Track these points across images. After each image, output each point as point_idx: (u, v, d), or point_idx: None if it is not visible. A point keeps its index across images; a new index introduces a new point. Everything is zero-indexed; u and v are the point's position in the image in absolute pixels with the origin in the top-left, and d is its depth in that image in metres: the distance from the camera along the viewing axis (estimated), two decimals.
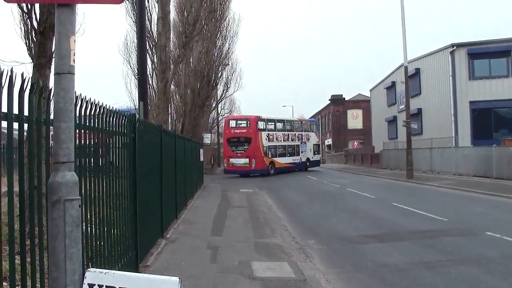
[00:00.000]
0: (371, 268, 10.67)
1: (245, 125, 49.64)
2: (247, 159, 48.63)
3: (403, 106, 45.37)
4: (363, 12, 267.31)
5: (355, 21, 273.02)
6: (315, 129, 61.41)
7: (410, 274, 10.03)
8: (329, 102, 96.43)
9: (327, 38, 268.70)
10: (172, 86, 29.48)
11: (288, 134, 53.76)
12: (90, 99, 6.13)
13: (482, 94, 42.36)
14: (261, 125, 48.75)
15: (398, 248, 12.39)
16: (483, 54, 42.74)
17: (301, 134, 56.13)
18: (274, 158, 50.78)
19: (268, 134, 49.95)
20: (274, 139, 51.03)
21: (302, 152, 56.12)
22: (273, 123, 51.98)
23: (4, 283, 5.58)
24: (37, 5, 9.73)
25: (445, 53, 44.63)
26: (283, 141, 52.13)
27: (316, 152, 60.03)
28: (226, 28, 39.87)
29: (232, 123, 50.98)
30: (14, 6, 10.21)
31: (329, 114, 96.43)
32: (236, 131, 49.74)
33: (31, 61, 9.91)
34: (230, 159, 49.63)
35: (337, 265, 11.03)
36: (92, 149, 6.85)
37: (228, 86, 48.81)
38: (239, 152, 49.28)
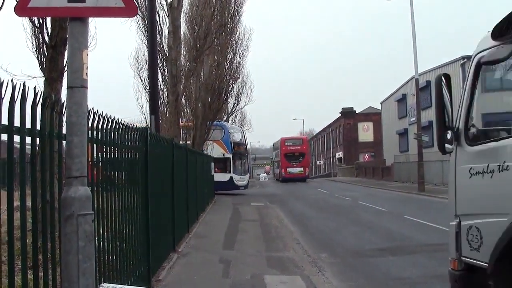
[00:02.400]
0: (384, 281, 10.57)
1: (299, 143, 76.59)
2: (302, 168, 72.71)
3: (414, 118, 45.19)
4: (374, 25, 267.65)
5: (366, 33, 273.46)
6: None
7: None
8: (340, 115, 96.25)
9: (337, 51, 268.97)
10: (182, 100, 29.49)
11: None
12: (102, 113, 6.13)
13: (493, 106, 42.15)
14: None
15: (411, 261, 12.28)
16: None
17: None
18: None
19: None
20: None
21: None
22: None
23: None
24: (48, 20, 9.77)
25: (456, 65, 44.43)
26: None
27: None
28: (237, 41, 39.83)
29: (288, 142, 75.95)
30: (26, 21, 10.24)
31: (340, 127, 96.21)
32: (291, 148, 74.25)
33: (43, 75, 9.93)
34: (288, 169, 72.69)
35: (350, 279, 10.93)
36: (104, 163, 6.84)
37: (239, 99, 48.68)
38: (294, 163, 72.63)
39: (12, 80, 4.01)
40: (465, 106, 6.20)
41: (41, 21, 9.77)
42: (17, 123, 4.19)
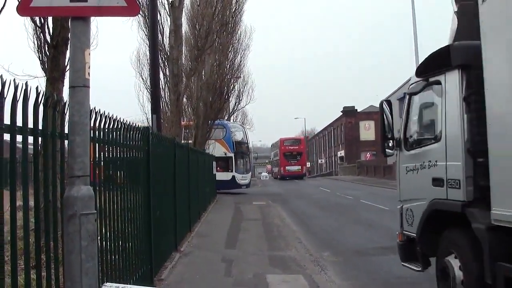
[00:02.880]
0: (387, 280, 10.56)
1: (297, 143, 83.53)
2: (300, 167, 79.86)
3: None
4: (376, 25, 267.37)
5: (368, 33, 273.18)
6: None
7: (425, 286, 9.93)
8: (341, 114, 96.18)
9: (338, 50, 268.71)
10: (184, 99, 29.49)
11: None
12: (104, 113, 6.13)
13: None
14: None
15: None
16: None
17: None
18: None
19: None
20: None
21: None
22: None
23: None
24: (50, 19, 9.76)
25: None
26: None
27: None
28: (238, 40, 39.83)
29: (287, 142, 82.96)
30: (27, 20, 10.24)
31: (341, 126, 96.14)
32: (290, 147, 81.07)
33: (44, 75, 9.92)
34: (286, 167, 79.52)
35: (352, 277, 10.92)
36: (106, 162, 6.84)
37: (240, 98, 48.81)
38: (292, 162, 79.52)
39: (14, 80, 4.01)
40: (403, 123, 9.11)
41: (42, 20, 9.76)
42: (19, 123, 4.18)
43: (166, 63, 25.63)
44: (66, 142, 4.98)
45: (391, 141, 9.10)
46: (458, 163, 7.15)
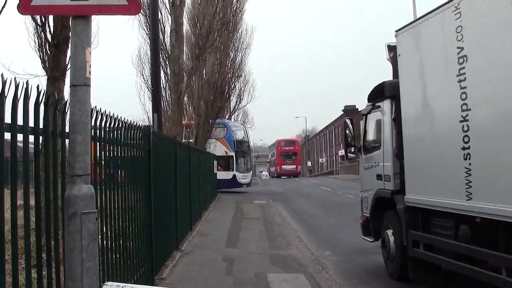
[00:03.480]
0: (388, 278, 10.56)
1: (292, 144, 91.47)
2: (295, 166, 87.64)
3: None
4: (377, 24, 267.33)
5: (370, 32, 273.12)
6: None
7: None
8: (342, 113, 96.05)
9: (339, 50, 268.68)
10: (185, 98, 29.47)
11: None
12: (105, 112, 6.13)
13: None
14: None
15: None
16: None
17: None
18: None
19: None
20: None
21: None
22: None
23: None
24: (51, 18, 9.75)
25: None
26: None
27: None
28: (239, 39, 39.84)
29: (283, 143, 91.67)
30: (28, 19, 10.23)
31: (343, 125, 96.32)
32: (285, 148, 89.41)
33: (45, 74, 9.91)
34: (282, 166, 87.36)
35: (354, 276, 10.94)
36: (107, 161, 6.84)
37: (241, 97, 48.73)
38: (288, 160, 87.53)
39: (15, 78, 4.01)
40: (362, 135, 12.58)
41: (43, 19, 9.75)
42: (20, 121, 4.17)
43: (167, 62, 25.63)
44: (67, 141, 4.97)
45: (352, 148, 12.84)
46: (389, 164, 10.59)
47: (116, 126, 6.77)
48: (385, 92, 10.85)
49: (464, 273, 8.29)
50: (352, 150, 12.80)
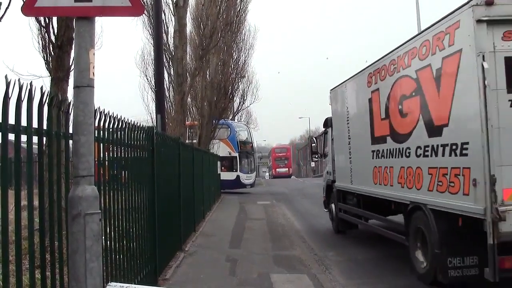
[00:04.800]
0: (392, 279, 10.54)
1: (284, 151, 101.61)
2: (287, 169, 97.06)
3: None
4: (380, 22, 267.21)
5: (373, 31, 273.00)
6: None
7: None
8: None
9: (340, 49, 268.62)
10: (188, 99, 29.48)
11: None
12: (109, 113, 6.14)
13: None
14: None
15: None
16: None
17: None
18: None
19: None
20: None
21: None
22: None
23: None
24: (54, 19, 9.78)
25: None
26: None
27: None
28: (243, 40, 39.90)
29: (277, 150, 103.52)
30: (32, 20, 10.26)
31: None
32: (279, 154, 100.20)
33: (49, 75, 9.94)
34: (277, 169, 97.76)
35: (357, 277, 10.92)
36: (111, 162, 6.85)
37: (245, 98, 48.74)
38: (282, 164, 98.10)
39: (19, 79, 4.02)
40: (322, 147, 19.71)
41: (47, 20, 9.79)
42: (24, 122, 4.19)
43: (170, 62, 25.67)
44: (70, 141, 4.99)
45: (316, 155, 20.73)
46: (331, 165, 17.66)
47: (119, 127, 6.79)
48: (328, 123, 18.07)
49: (357, 224, 15.71)
50: (316, 157, 21.02)
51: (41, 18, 9.72)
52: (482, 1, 7.84)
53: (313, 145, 20.92)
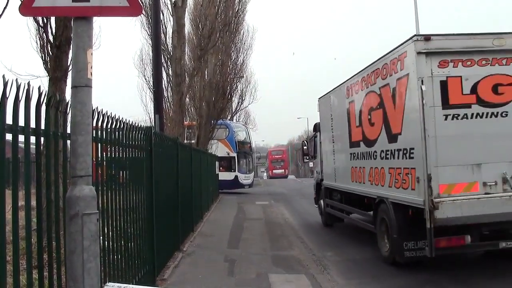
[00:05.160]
0: (390, 279, 10.56)
1: (280, 153, 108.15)
2: (283, 170, 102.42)
3: None
4: (378, 23, 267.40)
5: (370, 31, 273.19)
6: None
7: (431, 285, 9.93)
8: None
9: (339, 48, 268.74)
10: (187, 99, 29.45)
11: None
12: (106, 113, 6.14)
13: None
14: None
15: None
16: None
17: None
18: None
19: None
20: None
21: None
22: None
23: None
24: (52, 19, 9.77)
25: None
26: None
27: None
28: (241, 40, 39.86)
29: (273, 152, 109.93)
30: (30, 20, 10.26)
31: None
32: (275, 156, 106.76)
33: (47, 74, 9.93)
34: (273, 170, 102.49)
35: (356, 277, 10.93)
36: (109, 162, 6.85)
37: (243, 98, 48.80)
38: (278, 166, 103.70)
39: (16, 79, 4.01)
40: (313, 149, 21.73)
41: (45, 20, 9.78)
42: (21, 122, 4.18)
43: (169, 63, 25.66)
44: (68, 142, 4.98)
45: (307, 156, 23.03)
46: (319, 165, 19.76)
47: (117, 127, 6.78)
48: (317, 128, 20.27)
49: (342, 218, 17.55)
50: (307, 158, 23.59)
51: (39, 18, 9.72)
52: (422, 37, 10.09)
53: (304, 147, 23.29)
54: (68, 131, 4.89)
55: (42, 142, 4.70)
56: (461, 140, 10.00)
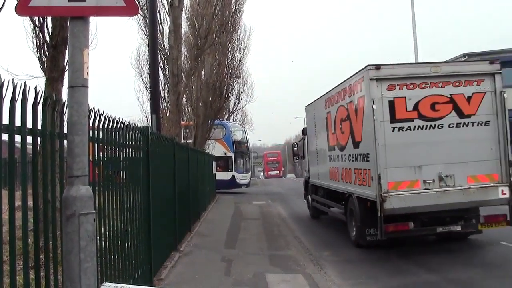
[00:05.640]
0: (387, 279, 10.56)
1: (275, 155, 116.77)
2: (278, 171, 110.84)
3: None
4: (376, 23, 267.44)
5: (367, 30, 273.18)
6: None
7: (427, 286, 9.94)
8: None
9: (338, 48, 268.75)
10: (184, 99, 29.42)
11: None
12: (103, 113, 6.13)
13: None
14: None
15: (415, 258, 12.26)
16: None
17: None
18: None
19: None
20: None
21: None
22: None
23: None
24: (49, 19, 9.74)
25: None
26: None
27: None
28: (238, 40, 39.86)
29: (269, 155, 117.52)
30: (26, 20, 10.22)
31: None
32: (270, 158, 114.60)
33: (44, 75, 9.90)
34: (269, 172, 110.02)
35: (352, 277, 10.93)
36: (106, 162, 6.84)
37: (240, 98, 48.83)
38: (273, 167, 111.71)
39: (13, 79, 4.01)
40: (302, 150, 24.96)
41: (41, 20, 9.74)
42: (18, 123, 4.18)
43: (165, 63, 25.61)
44: (65, 142, 4.97)
45: (297, 156, 25.94)
46: (307, 165, 22.79)
47: (114, 127, 6.78)
48: (305, 132, 23.50)
49: (325, 211, 20.02)
50: (297, 158, 26.75)
51: (36, 18, 9.68)
52: (373, 67, 12.63)
53: (294, 149, 26.43)
54: (65, 131, 4.89)
55: (38, 142, 4.69)
56: (406, 147, 12.55)
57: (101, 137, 6.30)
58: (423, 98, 12.67)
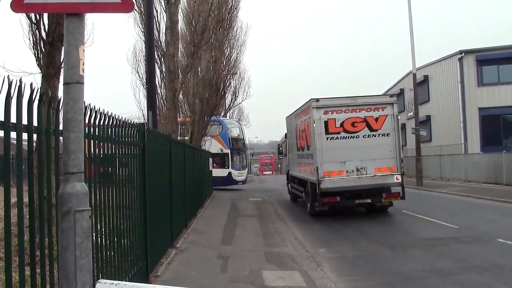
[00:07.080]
0: (382, 276, 10.60)
1: (269, 158, 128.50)
2: (271, 172, 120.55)
3: (412, 113, 44.93)
4: (373, 20, 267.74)
5: (364, 28, 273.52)
6: None
7: (421, 282, 9.98)
8: None
9: (336, 48, 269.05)
10: (180, 96, 29.38)
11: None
12: (99, 109, 6.12)
13: (491, 100, 41.71)
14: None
15: (410, 256, 12.32)
16: (492, 61, 42.01)
17: None
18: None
19: None
20: None
21: None
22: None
23: None
24: (45, 16, 9.73)
25: (453, 59, 44.09)
26: None
27: None
28: (234, 37, 39.78)
29: (264, 158, 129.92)
30: (23, 17, 10.20)
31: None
32: (265, 160, 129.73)
33: (40, 71, 9.89)
34: (264, 172, 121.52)
35: (348, 274, 10.97)
36: (101, 159, 6.83)
37: (237, 95, 48.88)
38: (267, 168, 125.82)
39: (8, 76, 4.00)
40: (285, 148, 33.05)
41: (38, 17, 9.73)
42: (13, 119, 4.17)
43: (162, 59, 25.59)
44: (61, 138, 4.97)
45: (281, 155, 35.66)
46: (288, 161, 31.77)
47: (110, 123, 6.77)
48: (286, 135, 30.40)
49: (299, 195, 26.25)
50: (281, 155, 35.19)
51: (32, 15, 9.68)
52: (315, 99, 20.09)
53: (280, 148, 36.04)
54: (61, 128, 4.88)
55: (34, 139, 4.68)
56: (335, 150, 19.78)
57: (96, 133, 6.30)
58: (346, 119, 20.00)
